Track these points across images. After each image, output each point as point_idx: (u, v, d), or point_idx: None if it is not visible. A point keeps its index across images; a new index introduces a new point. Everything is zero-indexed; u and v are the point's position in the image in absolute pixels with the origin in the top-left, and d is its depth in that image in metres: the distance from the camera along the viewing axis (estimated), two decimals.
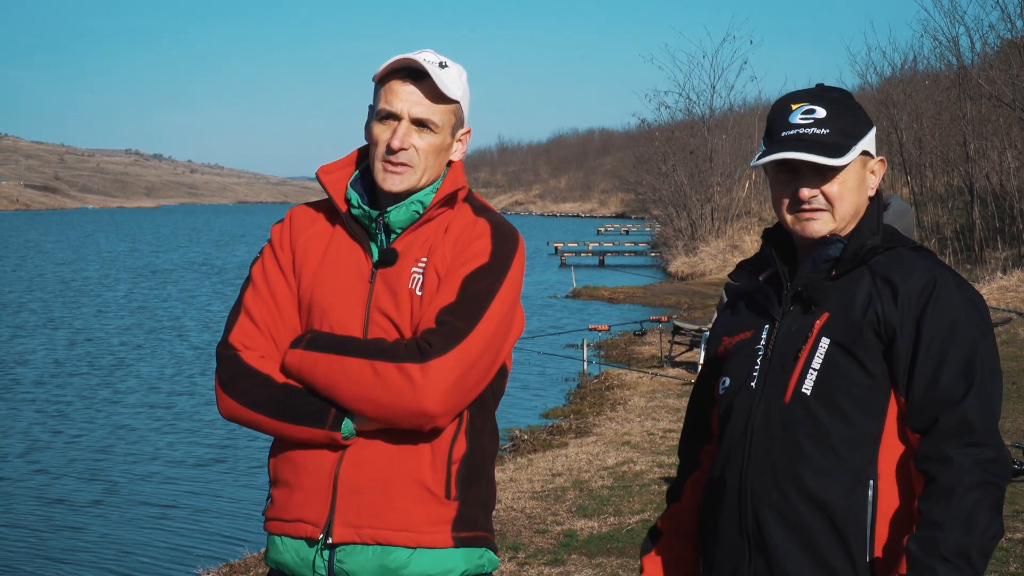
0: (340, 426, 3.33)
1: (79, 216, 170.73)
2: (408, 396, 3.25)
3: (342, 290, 3.46)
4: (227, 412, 3.45)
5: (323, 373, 3.32)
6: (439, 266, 3.42)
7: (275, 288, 3.51)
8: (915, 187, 37.38)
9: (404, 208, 3.47)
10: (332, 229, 3.56)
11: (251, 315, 3.49)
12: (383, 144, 3.44)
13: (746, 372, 3.24)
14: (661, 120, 54.71)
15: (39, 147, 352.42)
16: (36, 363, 24.36)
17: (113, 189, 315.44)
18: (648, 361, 22.13)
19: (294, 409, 3.35)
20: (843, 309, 3.11)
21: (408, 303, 3.41)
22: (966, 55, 35.61)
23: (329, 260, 3.51)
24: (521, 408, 18.81)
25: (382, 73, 3.46)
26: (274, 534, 3.50)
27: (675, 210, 51.70)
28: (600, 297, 37.71)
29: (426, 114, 3.44)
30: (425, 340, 3.29)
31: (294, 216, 3.62)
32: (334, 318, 3.43)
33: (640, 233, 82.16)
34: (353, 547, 3.37)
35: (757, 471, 3.13)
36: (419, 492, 3.38)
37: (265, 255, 3.58)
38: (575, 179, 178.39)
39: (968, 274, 29.78)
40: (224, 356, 3.48)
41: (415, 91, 3.44)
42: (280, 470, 3.48)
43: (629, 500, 11.14)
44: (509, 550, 9.62)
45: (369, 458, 3.37)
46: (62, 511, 13.48)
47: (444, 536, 3.40)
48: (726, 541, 3.22)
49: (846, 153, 3.15)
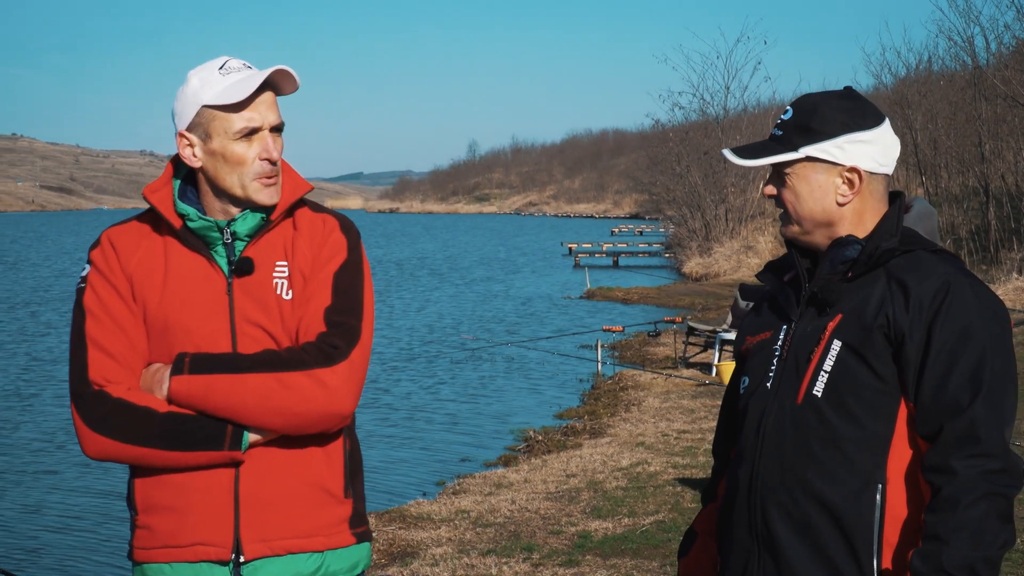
0: (240, 443, 3.27)
1: (94, 217, 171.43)
2: (322, 401, 3.24)
3: (200, 306, 3.36)
4: (99, 452, 3.30)
5: (220, 395, 3.23)
6: (303, 267, 3.38)
7: (117, 316, 3.36)
8: (930, 188, 37.32)
9: (251, 216, 3.40)
10: (163, 246, 3.42)
11: (102, 348, 3.33)
12: (253, 160, 3.35)
13: (763, 373, 3.25)
14: (675, 121, 54.63)
15: (55, 148, 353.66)
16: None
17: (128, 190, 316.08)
18: (662, 362, 22.11)
19: (186, 436, 3.25)
20: (856, 311, 3.09)
21: (277, 308, 3.36)
22: (981, 55, 35.59)
23: (174, 278, 3.39)
24: (535, 409, 18.83)
25: (246, 96, 3.33)
26: (159, 562, 3.38)
27: (689, 211, 51.63)
28: (614, 298, 37.67)
29: (279, 119, 3.41)
30: (327, 343, 3.28)
31: (113, 239, 3.44)
32: (199, 336, 3.33)
33: (654, 234, 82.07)
34: (263, 560, 3.34)
35: (767, 471, 3.14)
36: (321, 496, 3.38)
37: (94, 282, 3.40)
38: (589, 180, 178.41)
39: (984, 275, 29.72)
40: (87, 394, 3.31)
41: (266, 99, 3.39)
42: (158, 496, 3.35)
43: (643, 501, 11.13)
44: (523, 551, 9.62)
45: (269, 469, 3.32)
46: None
47: (347, 535, 3.43)
48: (738, 540, 3.23)
49: (772, 155, 3.18)
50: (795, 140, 3.17)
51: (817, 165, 3.17)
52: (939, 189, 37.08)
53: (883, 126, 3.21)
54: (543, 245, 79.08)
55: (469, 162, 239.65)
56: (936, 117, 37.31)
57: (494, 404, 19.54)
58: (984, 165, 33.77)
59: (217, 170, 3.37)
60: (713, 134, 50.15)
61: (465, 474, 13.73)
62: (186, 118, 3.38)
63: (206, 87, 3.34)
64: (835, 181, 3.17)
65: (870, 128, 3.18)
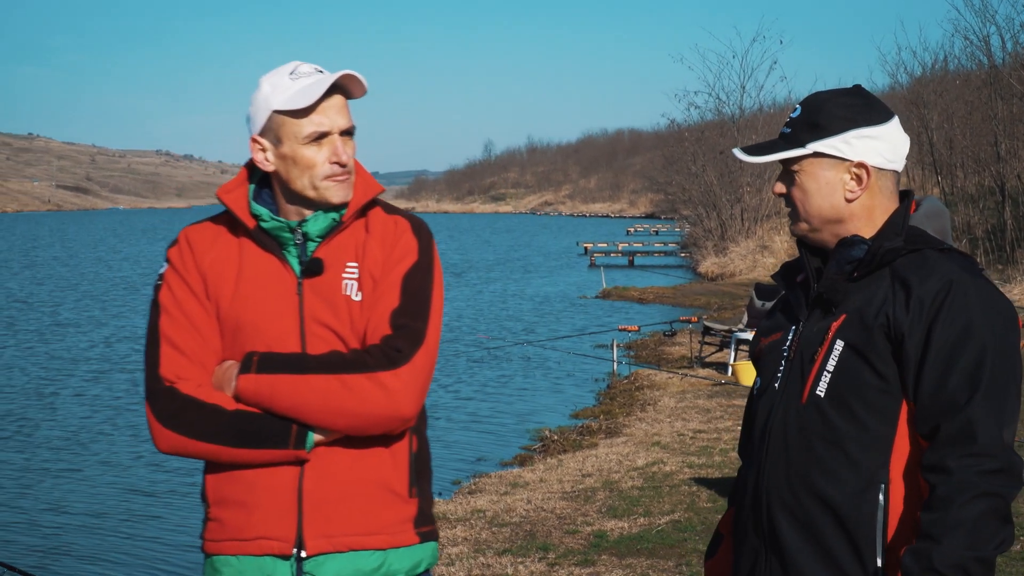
0: (304, 443, 3.32)
1: (110, 217, 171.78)
2: (384, 404, 3.28)
3: (270, 305, 3.41)
4: (170, 447, 3.37)
5: (284, 395, 3.29)
6: (373, 269, 3.41)
7: (191, 313, 3.43)
8: (946, 187, 37.25)
9: (322, 216, 3.45)
10: (238, 246, 3.49)
11: (175, 345, 3.40)
12: (323, 163, 3.40)
13: (771, 374, 3.27)
14: (691, 120, 54.63)
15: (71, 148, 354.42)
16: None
17: (144, 190, 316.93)
18: (678, 362, 22.11)
19: (253, 434, 3.31)
20: (859, 311, 3.10)
21: (346, 310, 3.39)
22: (997, 54, 35.54)
23: (246, 277, 3.45)
24: (551, 409, 18.86)
25: (314, 102, 3.38)
26: (226, 554, 3.45)
27: (705, 210, 51.61)
28: (630, 297, 37.66)
29: (348, 122, 3.45)
30: (391, 346, 3.31)
31: (190, 237, 3.52)
32: (269, 335, 3.39)
33: (670, 233, 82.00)
34: (325, 556, 3.39)
35: (773, 472, 3.16)
36: (385, 495, 3.42)
37: (170, 280, 3.48)
38: (604, 179, 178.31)
39: (1000, 274, 29.67)
40: (159, 391, 3.38)
41: (335, 103, 3.43)
42: (228, 491, 3.43)
43: (659, 501, 11.15)
44: (539, 550, 9.65)
45: (332, 468, 3.37)
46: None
47: (410, 534, 3.46)
48: (746, 540, 3.25)
49: (779, 152, 3.20)
50: (803, 137, 3.19)
51: (824, 161, 3.18)
52: (955, 189, 37.02)
53: (891, 123, 3.22)
54: (559, 245, 79.03)
55: (485, 162, 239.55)
56: (952, 116, 37.25)
57: (510, 403, 19.60)
58: (1000, 164, 33.71)
59: (289, 173, 3.42)
60: (729, 133, 50.10)
61: (481, 473, 13.79)
62: (258, 123, 3.44)
63: (276, 92, 3.40)
64: (843, 177, 3.19)
65: (877, 124, 3.19)
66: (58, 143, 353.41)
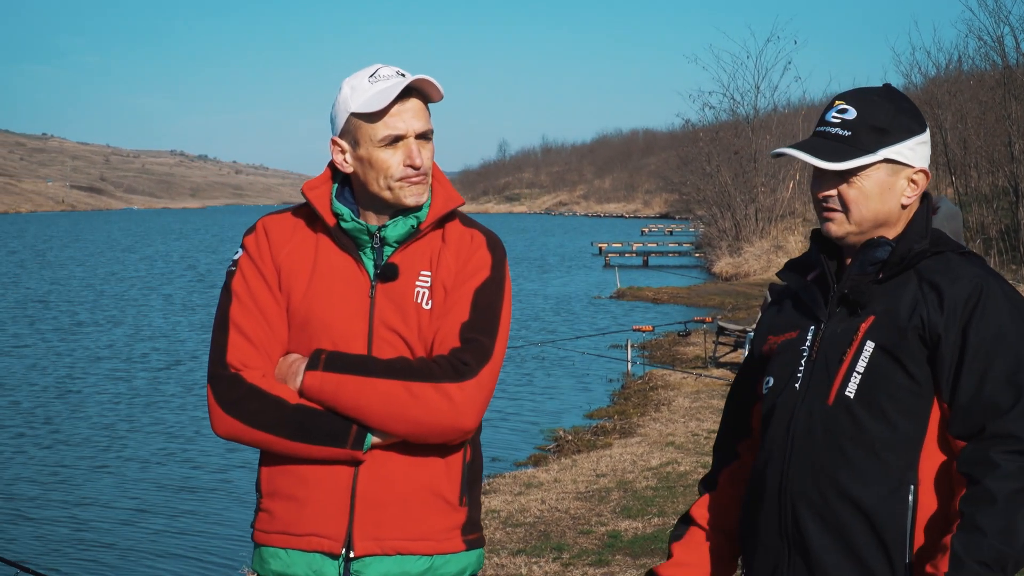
0: (362, 444, 3.35)
1: (124, 217, 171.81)
2: (447, 415, 3.30)
3: (341, 305, 3.44)
4: (227, 432, 3.41)
5: (349, 395, 3.32)
6: (446, 279, 3.44)
7: (262, 303, 3.46)
8: (960, 187, 37.18)
9: (402, 222, 3.48)
10: (315, 242, 3.52)
11: (244, 332, 3.43)
12: (398, 166, 3.42)
13: (790, 373, 3.24)
14: (705, 120, 54.55)
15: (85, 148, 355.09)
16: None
17: (158, 190, 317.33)
18: (692, 362, 22.12)
19: (313, 430, 3.34)
20: (888, 313, 3.10)
21: (415, 317, 3.42)
22: (1011, 55, 35.45)
23: (321, 274, 3.47)
24: (565, 409, 18.88)
25: (387, 104, 3.41)
26: (275, 547, 3.48)
27: (719, 210, 51.56)
28: (644, 298, 37.65)
29: (425, 126, 3.47)
30: (459, 359, 3.33)
31: (268, 227, 3.55)
32: (337, 334, 3.42)
33: (684, 234, 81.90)
34: (372, 558, 3.41)
35: (798, 473, 3.14)
36: (436, 502, 3.44)
37: (244, 267, 3.50)
38: (619, 179, 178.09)
39: (1013, 275, 29.63)
40: (224, 376, 3.41)
41: (412, 107, 3.45)
42: (281, 483, 3.46)
43: (673, 501, 11.17)
44: (553, 551, 9.67)
45: (387, 472, 3.39)
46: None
47: (457, 541, 3.48)
48: (766, 542, 3.23)
49: (855, 158, 3.14)
50: (868, 142, 3.16)
51: (888, 166, 3.17)
52: (969, 189, 36.95)
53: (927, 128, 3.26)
54: (573, 244, 78.99)
55: (499, 162, 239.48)
56: (966, 117, 37.17)
57: (524, 403, 19.60)
58: (1014, 165, 33.63)
59: (366, 175, 3.45)
60: (743, 134, 50.10)
61: (495, 474, 13.81)
62: (338, 125, 3.48)
63: (355, 95, 3.44)
64: (902, 183, 3.19)
65: (925, 130, 3.23)
66: (72, 143, 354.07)
